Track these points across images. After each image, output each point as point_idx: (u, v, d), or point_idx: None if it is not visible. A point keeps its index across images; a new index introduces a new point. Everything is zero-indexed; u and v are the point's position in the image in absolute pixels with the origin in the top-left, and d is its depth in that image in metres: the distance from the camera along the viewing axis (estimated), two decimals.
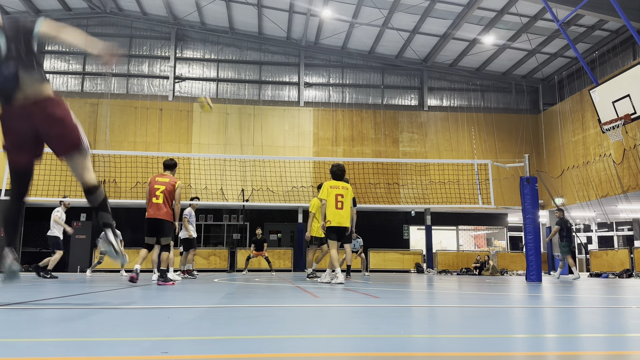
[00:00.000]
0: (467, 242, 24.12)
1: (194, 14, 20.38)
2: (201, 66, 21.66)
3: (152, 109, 20.36)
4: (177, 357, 1.70)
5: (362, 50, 21.67)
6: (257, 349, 1.88)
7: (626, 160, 16.62)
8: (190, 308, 3.60)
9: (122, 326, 2.50)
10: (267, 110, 20.96)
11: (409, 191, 19.77)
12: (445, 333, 2.39)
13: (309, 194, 18.71)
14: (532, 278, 10.26)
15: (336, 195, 7.84)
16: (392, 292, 5.90)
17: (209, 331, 2.33)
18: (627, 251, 17.17)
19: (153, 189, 7.46)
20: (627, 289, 7.23)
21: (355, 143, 21.05)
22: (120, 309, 3.49)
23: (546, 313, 3.69)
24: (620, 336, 2.40)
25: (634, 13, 14.32)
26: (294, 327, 2.57)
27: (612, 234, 24.87)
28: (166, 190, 7.44)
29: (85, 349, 1.86)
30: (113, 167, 17.37)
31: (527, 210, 10.62)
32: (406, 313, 3.47)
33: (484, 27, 18.39)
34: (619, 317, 3.34)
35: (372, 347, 1.95)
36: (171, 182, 7.53)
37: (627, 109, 12.15)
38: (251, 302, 4.16)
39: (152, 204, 7.39)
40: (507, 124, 21.85)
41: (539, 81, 22.36)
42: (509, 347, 2.05)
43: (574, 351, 1.97)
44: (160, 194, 7.39)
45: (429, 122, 21.68)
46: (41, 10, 20.59)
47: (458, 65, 21.74)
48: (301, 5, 18.57)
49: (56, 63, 21.06)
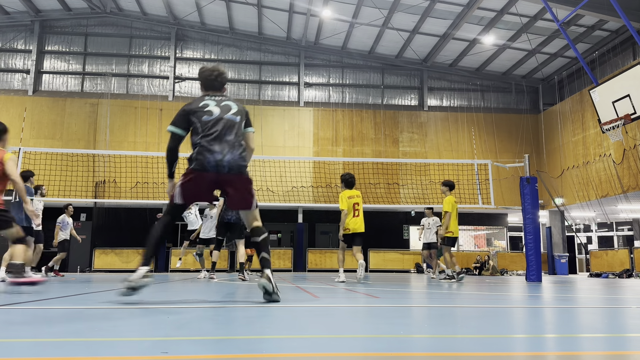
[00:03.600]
0: (467, 242, 24.11)
1: (194, 14, 20.38)
2: (201, 66, 21.65)
3: (152, 109, 20.36)
4: (177, 357, 1.70)
5: (362, 50, 21.67)
6: (257, 349, 1.88)
7: (626, 160, 16.62)
8: (190, 308, 3.60)
9: (122, 326, 2.50)
10: (267, 110, 20.95)
11: (409, 191, 19.76)
12: (445, 333, 2.38)
13: (309, 194, 18.71)
14: (532, 278, 10.26)
15: (353, 204, 8.73)
16: (392, 292, 5.90)
17: (209, 331, 2.33)
18: (627, 251, 17.17)
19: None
20: (627, 289, 7.23)
21: (355, 143, 21.05)
22: (120, 308, 3.49)
23: (546, 313, 3.69)
24: (620, 336, 2.40)
25: (634, 13, 14.32)
26: (294, 327, 2.57)
27: (612, 234, 24.87)
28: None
29: (85, 349, 1.86)
30: (113, 167, 17.36)
31: (527, 210, 10.62)
32: (406, 313, 3.47)
33: (484, 27, 18.39)
34: (619, 317, 3.34)
35: (372, 347, 1.95)
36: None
37: (627, 109, 12.14)
38: (251, 302, 4.16)
39: None
40: (507, 124, 21.85)
41: (539, 81, 22.36)
42: (509, 347, 2.05)
43: (574, 351, 1.97)
44: None
45: (429, 122, 21.67)
46: (41, 11, 20.58)
47: (458, 65, 21.73)
48: (301, 5, 18.57)
49: (56, 63, 21.05)
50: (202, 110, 3.88)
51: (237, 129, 3.92)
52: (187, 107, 3.96)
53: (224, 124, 3.86)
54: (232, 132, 3.87)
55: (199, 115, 3.88)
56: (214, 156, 3.77)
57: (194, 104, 3.98)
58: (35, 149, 16.36)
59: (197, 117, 3.88)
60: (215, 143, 3.79)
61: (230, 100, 4.05)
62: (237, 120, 3.96)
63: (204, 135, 3.83)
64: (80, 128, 19.81)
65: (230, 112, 3.94)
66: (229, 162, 3.78)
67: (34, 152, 15.39)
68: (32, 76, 20.35)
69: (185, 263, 19.30)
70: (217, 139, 3.80)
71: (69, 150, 16.31)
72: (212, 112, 3.88)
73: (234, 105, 4.01)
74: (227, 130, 3.85)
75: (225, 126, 3.86)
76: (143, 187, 17.45)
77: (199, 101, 3.97)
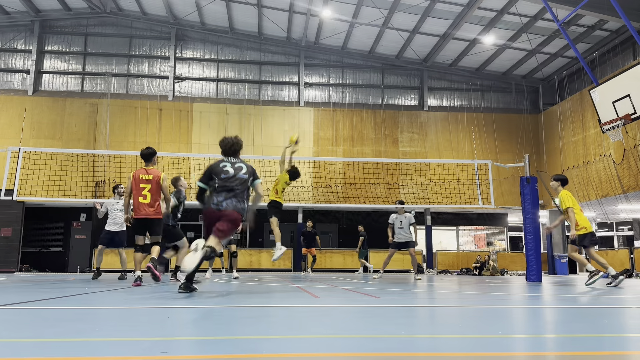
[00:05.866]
0: (467, 242, 24.11)
1: (194, 14, 20.38)
2: (201, 66, 21.65)
3: (152, 109, 20.36)
4: (177, 357, 1.70)
5: (362, 50, 21.67)
6: (257, 349, 1.88)
7: (626, 160, 16.62)
8: (190, 308, 3.60)
9: (122, 326, 2.50)
10: (267, 110, 20.95)
11: (409, 191, 19.75)
12: (445, 333, 2.38)
13: (309, 194, 18.70)
14: (532, 278, 10.26)
15: None
16: (392, 292, 5.90)
17: (209, 331, 2.33)
18: (627, 251, 17.17)
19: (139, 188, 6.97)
20: (627, 289, 7.23)
21: (355, 143, 21.05)
22: (120, 309, 3.49)
23: (546, 313, 3.69)
24: (620, 336, 2.40)
25: (634, 13, 14.32)
26: (294, 327, 2.57)
27: (612, 234, 24.87)
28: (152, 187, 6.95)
29: (85, 349, 1.86)
30: (113, 167, 17.35)
31: (527, 210, 10.62)
32: (406, 313, 3.47)
33: (484, 27, 18.38)
34: (619, 317, 3.34)
35: (372, 347, 1.95)
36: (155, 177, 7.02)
37: (627, 109, 12.14)
38: (251, 302, 4.16)
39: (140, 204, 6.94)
40: (507, 124, 21.84)
41: (539, 81, 22.36)
42: (509, 347, 2.05)
43: (574, 351, 1.97)
44: (147, 193, 6.90)
45: (429, 122, 21.67)
46: (41, 11, 20.59)
47: (458, 65, 21.73)
48: (301, 5, 18.57)
49: (56, 63, 21.05)
50: (222, 170, 5.36)
51: (245, 184, 5.42)
52: (210, 167, 5.44)
53: (237, 180, 5.36)
54: (240, 185, 5.37)
55: (217, 172, 5.34)
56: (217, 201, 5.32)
57: (215, 165, 5.42)
58: (35, 149, 16.36)
59: (216, 174, 5.34)
60: (223, 192, 5.31)
61: (242, 163, 5.51)
62: (245, 177, 5.40)
63: (220, 187, 5.31)
64: (80, 128, 19.81)
65: (241, 172, 5.39)
66: (225, 206, 5.27)
67: (34, 152, 15.38)
68: (32, 76, 20.35)
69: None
70: (229, 190, 5.32)
71: (69, 150, 16.30)
72: (228, 172, 5.34)
73: (244, 167, 5.45)
74: (238, 184, 5.36)
75: (238, 182, 5.36)
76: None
77: (219, 163, 5.46)
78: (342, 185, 19.46)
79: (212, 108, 20.62)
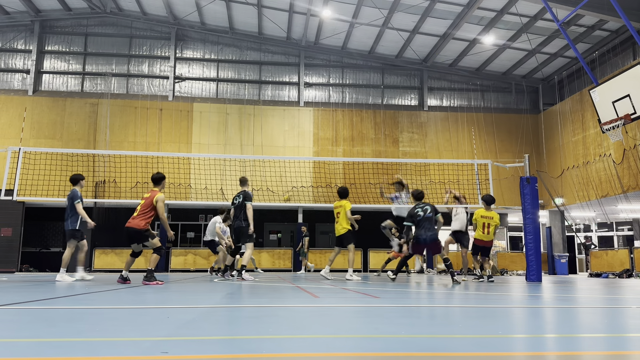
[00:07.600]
0: None
1: (194, 14, 20.38)
2: (201, 66, 21.65)
3: (152, 109, 20.36)
4: (177, 357, 1.70)
5: (362, 50, 21.67)
6: (257, 349, 1.88)
7: (626, 160, 16.62)
8: (190, 308, 3.60)
9: (122, 326, 2.50)
10: (267, 110, 20.95)
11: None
12: (445, 333, 2.39)
13: (309, 194, 18.71)
14: (532, 278, 10.26)
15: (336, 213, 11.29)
16: (392, 292, 5.90)
17: (209, 331, 2.33)
18: (627, 251, 17.16)
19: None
20: (627, 289, 7.23)
21: (355, 143, 21.05)
22: (120, 309, 3.49)
23: (546, 313, 3.69)
24: (620, 336, 2.40)
25: (634, 13, 14.32)
26: (294, 327, 2.57)
27: (612, 234, 24.87)
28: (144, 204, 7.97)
29: (85, 349, 1.86)
30: (113, 167, 17.36)
31: (527, 210, 10.62)
32: (406, 313, 3.47)
33: (484, 27, 18.38)
34: (619, 317, 3.34)
35: (372, 347, 1.95)
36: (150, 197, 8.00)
37: (627, 109, 12.14)
38: (251, 302, 4.16)
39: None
40: (507, 124, 21.84)
41: (539, 81, 22.36)
42: (509, 347, 2.05)
43: (574, 351, 1.97)
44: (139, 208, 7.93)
45: (429, 122, 21.67)
46: (41, 11, 20.59)
47: (458, 65, 21.73)
48: (301, 5, 18.57)
49: (56, 63, 21.05)
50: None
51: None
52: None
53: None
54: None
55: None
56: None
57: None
58: (35, 149, 16.35)
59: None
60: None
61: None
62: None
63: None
64: (80, 128, 19.81)
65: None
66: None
67: (34, 152, 15.37)
68: (32, 76, 20.35)
69: (185, 263, 19.31)
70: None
71: (69, 150, 16.29)
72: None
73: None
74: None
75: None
76: (143, 187, 17.42)
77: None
78: (342, 185, 19.45)
79: (212, 108, 20.63)
